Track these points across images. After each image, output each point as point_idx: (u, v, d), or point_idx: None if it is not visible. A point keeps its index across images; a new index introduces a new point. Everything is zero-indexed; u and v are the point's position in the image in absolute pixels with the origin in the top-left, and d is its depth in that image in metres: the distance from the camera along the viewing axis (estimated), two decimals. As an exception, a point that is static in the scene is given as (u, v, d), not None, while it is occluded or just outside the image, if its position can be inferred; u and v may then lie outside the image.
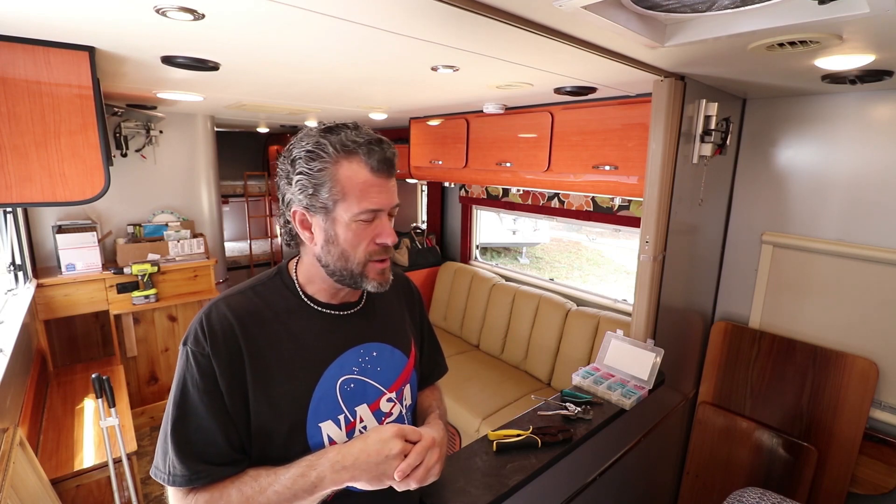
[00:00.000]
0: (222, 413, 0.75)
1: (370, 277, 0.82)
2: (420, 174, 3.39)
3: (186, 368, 0.76)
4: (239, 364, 0.77)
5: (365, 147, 0.77)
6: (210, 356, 0.75)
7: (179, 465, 0.73)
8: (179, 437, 0.74)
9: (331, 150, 0.76)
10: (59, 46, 1.24)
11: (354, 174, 0.77)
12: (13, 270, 2.45)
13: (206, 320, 0.78)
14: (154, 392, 3.17)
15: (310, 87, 1.98)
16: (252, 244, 5.77)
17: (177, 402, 0.75)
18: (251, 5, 0.94)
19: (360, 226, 0.79)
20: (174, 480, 0.73)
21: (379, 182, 0.78)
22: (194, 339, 0.77)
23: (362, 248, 0.80)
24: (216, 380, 0.75)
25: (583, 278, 8.10)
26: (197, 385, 0.75)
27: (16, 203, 1.27)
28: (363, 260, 0.81)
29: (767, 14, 0.94)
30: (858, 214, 1.71)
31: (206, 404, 0.75)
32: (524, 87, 1.85)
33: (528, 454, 1.26)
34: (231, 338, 0.77)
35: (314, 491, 0.74)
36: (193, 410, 0.75)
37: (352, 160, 0.77)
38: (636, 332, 1.73)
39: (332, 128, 0.79)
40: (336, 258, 0.81)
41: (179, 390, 0.76)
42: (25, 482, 1.47)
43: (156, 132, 3.13)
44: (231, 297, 0.83)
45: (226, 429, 0.75)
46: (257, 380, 0.77)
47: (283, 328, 0.82)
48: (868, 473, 1.71)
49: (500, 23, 0.97)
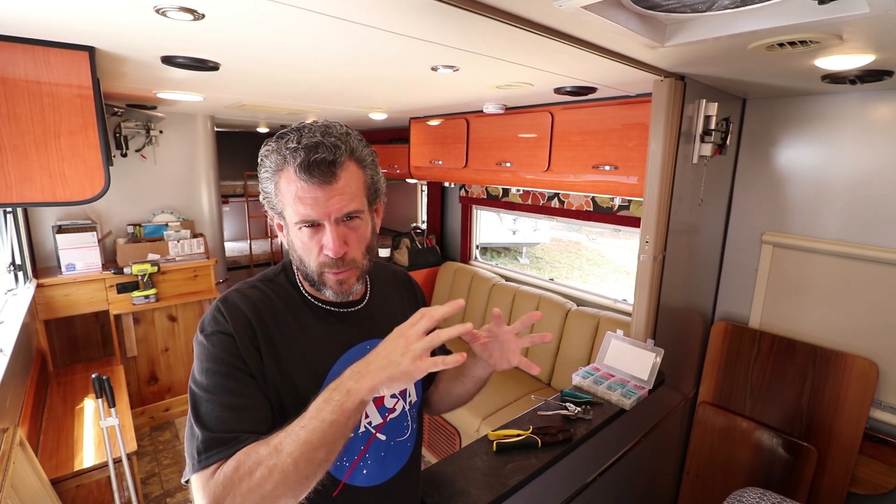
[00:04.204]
0: (252, 388, 0.74)
1: (327, 285, 0.81)
2: (420, 174, 3.39)
3: (209, 351, 0.74)
4: (256, 349, 0.76)
5: (292, 153, 0.73)
6: (233, 335, 0.75)
7: (212, 440, 0.67)
8: (210, 416, 0.70)
9: (272, 158, 0.76)
10: (59, 46, 1.24)
11: (288, 182, 0.75)
12: (13, 270, 2.45)
13: (223, 305, 0.78)
14: (154, 392, 3.17)
15: (310, 87, 1.98)
16: (252, 244, 5.77)
17: (203, 384, 0.72)
18: (251, 5, 0.94)
19: (306, 233, 0.77)
20: (208, 458, 0.66)
21: (311, 189, 0.73)
22: (213, 321, 0.77)
23: (313, 256, 0.79)
24: (241, 357, 0.74)
25: (583, 278, 8.10)
26: (223, 362, 0.73)
27: (16, 203, 1.27)
28: (316, 270, 0.79)
29: (767, 14, 0.94)
30: (858, 214, 1.71)
31: (236, 379, 0.73)
32: (524, 87, 1.85)
33: (528, 454, 1.26)
34: (248, 323, 0.77)
35: (343, 409, 0.64)
36: (223, 388, 0.72)
37: (286, 168, 0.75)
38: (636, 332, 1.73)
39: (282, 134, 0.77)
40: (298, 262, 0.82)
41: (204, 373, 0.73)
42: (25, 482, 1.47)
43: (156, 132, 3.13)
44: (244, 288, 0.83)
45: (257, 403, 0.74)
46: (273, 367, 0.77)
47: (294, 322, 0.82)
48: (868, 473, 1.71)
49: (500, 23, 0.97)
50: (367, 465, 0.87)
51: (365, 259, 0.83)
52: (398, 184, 4.62)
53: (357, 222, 0.79)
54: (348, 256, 0.79)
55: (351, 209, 0.77)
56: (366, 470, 0.86)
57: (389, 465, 0.90)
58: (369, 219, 0.83)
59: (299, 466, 0.63)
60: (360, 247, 0.81)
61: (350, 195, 0.76)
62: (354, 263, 0.80)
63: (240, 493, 0.63)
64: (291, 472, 0.63)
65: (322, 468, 0.65)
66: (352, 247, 0.79)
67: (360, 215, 0.79)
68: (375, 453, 0.88)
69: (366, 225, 0.81)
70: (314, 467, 0.64)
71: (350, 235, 0.79)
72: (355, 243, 0.80)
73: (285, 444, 0.64)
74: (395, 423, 0.91)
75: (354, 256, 0.80)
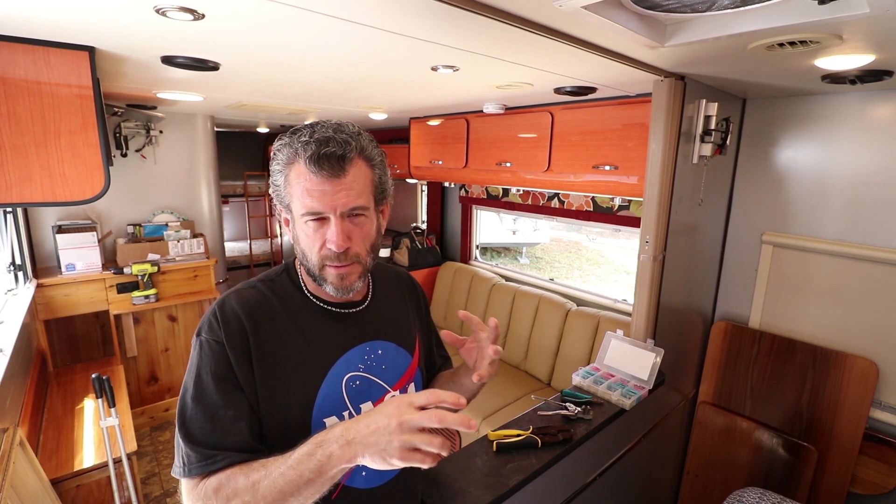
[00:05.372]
0: (239, 399, 0.75)
1: (328, 280, 0.81)
2: (420, 174, 3.39)
3: (200, 357, 0.76)
4: (251, 354, 0.77)
5: (304, 146, 0.75)
6: (224, 344, 0.76)
7: (194, 452, 0.71)
8: (195, 425, 0.72)
9: (285, 151, 0.78)
10: (59, 46, 1.24)
11: (298, 175, 0.76)
12: (13, 270, 2.45)
13: (219, 310, 0.79)
14: (154, 392, 3.17)
15: (310, 87, 1.98)
16: (252, 244, 5.77)
17: (191, 391, 0.74)
18: (251, 5, 0.94)
19: (311, 226, 0.78)
20: (190, 470, 0.70)
21: (319, 182, 0.75)
22: (208, 327, 0.77)
23: (315, 250, 0.79)
24: (231, 367, 0.75)
25: (583, 278, 8.10)
26: (212, 372, 0.75)
27: (16, 203, 1.27)
28: (318, 263, 0.80)
29: (767, 14, 0.94)
30: (858, 214, 1.71)
31: (223, 390, 0.74)
32: (524, 87, 1.85)
33: (528, 454, 1.26)
34: (244, 328, 0.78)
35: (322, 471, 0.65)
36: (209, 397, 0.74)
37: (297, 160, 0.76)
38: (636, 332, 1.73)
39: (296, 129, 0.79)
40: (301, 256, 0.82)
41: (193, 379, 0.75)
42: (25, 482, 1.47)
43: (156, 132, 3.13)
44: (243, 290, 0.84)
45: (242, 415, 0.75)
46: (267, 372, 0.78)
47: (292, 323, 0.83)
48: (868, 473, 1.71)
49: (500, 23, 0.97)
50: (366, 468, 0.86)
51: (368, 257, 0.83)
52: (398, 184, 4.62)
53: (362, 219, 0.80)
54: (351, 251, 0.79)
55: (357, 204, 0.77)
56: (365, 472, 0.86)
57: None
58: (374, 217, 0.83)
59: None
60: (363, 244, 0.81)
61: (357, 191, 0.77)
62: (357, 259, 0.81)
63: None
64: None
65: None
66: (355, 242, 0.79)
67: (365, 212, 0.80)
68: None
69: (371, 223, 0.82)
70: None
71: (354, 231, 0.79)
72: (359, 239, 0.80)
73: (262, 486, 0.66)
74: None
75: (357, 252, 0.80)
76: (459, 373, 1.01)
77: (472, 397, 0.99)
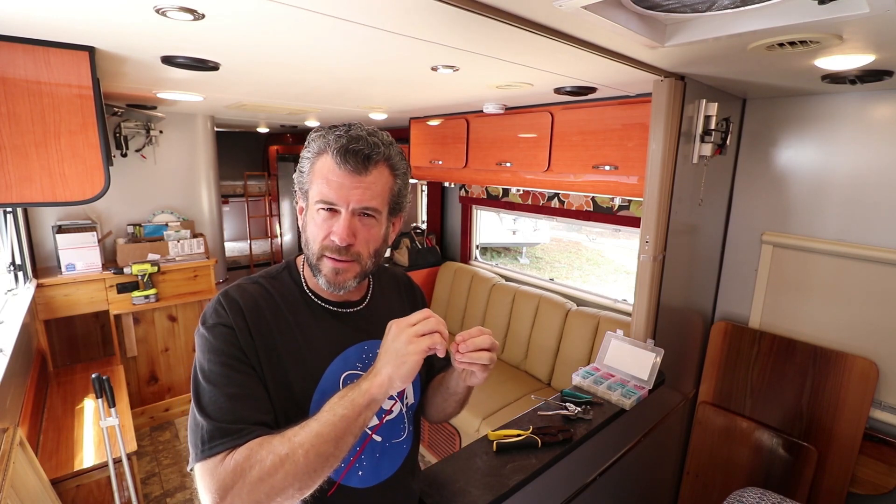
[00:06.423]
0: (253, 380, 0.75)
1: (322, 272, 0.81)
2: (420, 174, 3.39)
3: (211, 341, 0.75)
4: (255, 344, 0.78)
5: (336, 139, 0.78)
6: (234, 327, 0.76)
7: (217, 429, 0.68)
8: (214, 406, 0.71)
9: (318, 141, 0.80)
10: (59, 46, 1.24)
11: (323, 164, 0.79)
12: (13, 270, 2.45)
13: (224, 299, 0.79)
14: (154, 392, 3.17)
15: (310, 87, 1.98)
16: (252, 244, 5.78)
17: (206, 373, 0.73)
18: (251, 6, 0.94)
19: (322, 215, 0.79)
20: (212, 448, 0.67)
21: (340, 175, 0.77)
22: (215, 313, 0.78)
23: (319, 238, 0.80)
24: (242, 349, 0.76)
25: (583, 278, 8.10)
26: (225, 353, 0.75)
27: (16, 203, 1.27)
28: (318, 252, 0.81)
29: (767, 14, 0.94)
30: (858, 214, 1.71)
31: (238, 370, 0.74)
32: (524, 87, 1.85)
33: (528, 454, 1.26)
34: (246, 319, 0.78)
35: (353, 407, 0.68)
36: (226, 377, 0.73)
37: (327, 150, 0.79)
38: (636, 332, 1.73)
39: (336, 125, 0.81)
40: (305, 245, 0.84)
41: (207, 362, 0.74)
42: (25, 482, 1.47)
43: (156, 132, 3.13)
44: (245, 284, 0.84)
45: (260, 394, 0.75)
46: (270, 363, 0.78)
47: (292, 319, 0.83)
48: (868, 473, 1.71)
49: (500, 23, 0.97)
50: (362, 467, 0.87)
51: (369, 260, 0.83)
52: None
53: (372, 221, 0.81)
54: (353, 249, 0.80)
55: (370, 205, 0.79)
56: (361, 471, 0.87)
57: (384, 466, 0.90)
58: (384, 224, 0.84)
59: (309, 458, 0.65)
60: (367, 245, 0.82)
61: (374, 193, 0.79)
62: (357, 258, 0.81)
63: (249, 480, 0.65)
64: (301, 462, 0.65)
65: (330, 463, 0.68)
66: (359, 241, 0.80)
67: (376, 215, 0.81)
68: (371, 454, 0.88)
69: (379, 227, 0.82)
70: (322, 461, 0.66)
71: (361, 230, 0.80)
72: (363, 239, 0.81)
73: (298, 435, 0.67)
74: (392, 425, 0.91)
75: (359, 251, 0.81)
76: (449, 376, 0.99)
77: (463, 400, 0.99)
